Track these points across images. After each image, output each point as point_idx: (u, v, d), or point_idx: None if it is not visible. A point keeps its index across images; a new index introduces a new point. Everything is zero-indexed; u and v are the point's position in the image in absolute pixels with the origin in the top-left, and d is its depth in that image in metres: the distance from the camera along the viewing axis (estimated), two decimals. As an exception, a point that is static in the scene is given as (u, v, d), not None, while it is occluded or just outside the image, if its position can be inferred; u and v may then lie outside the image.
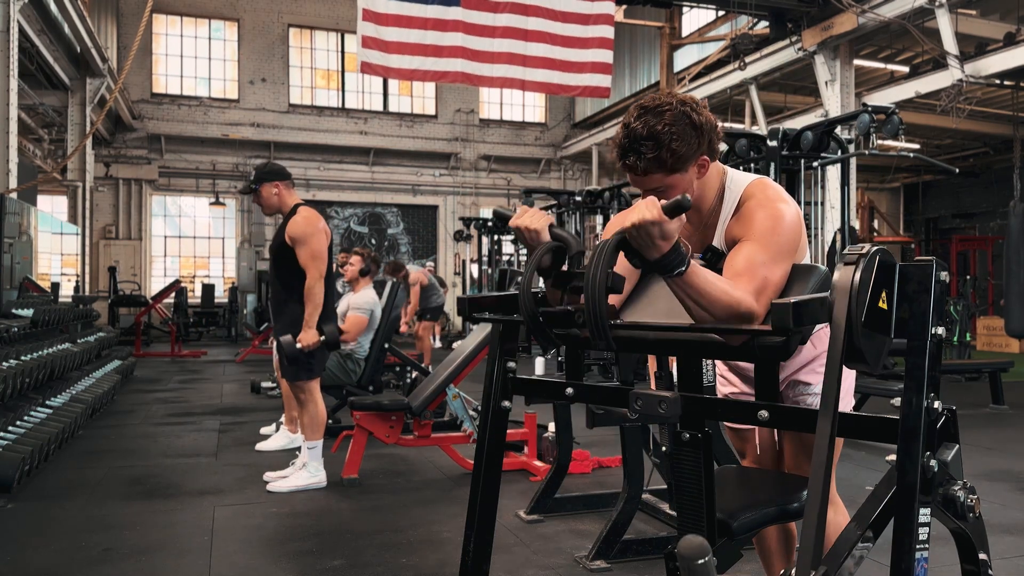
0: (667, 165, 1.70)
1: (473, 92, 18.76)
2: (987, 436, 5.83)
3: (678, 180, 1.73)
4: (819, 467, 1.33)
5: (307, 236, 4.20)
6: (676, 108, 1.71)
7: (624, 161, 1.73)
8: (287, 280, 4.29)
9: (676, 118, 1.69)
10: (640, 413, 1.62)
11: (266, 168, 4.42)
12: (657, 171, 1.71)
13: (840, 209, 7.43)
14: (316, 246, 4.20)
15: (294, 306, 4.25)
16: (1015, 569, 3.08)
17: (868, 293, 1.35)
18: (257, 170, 4.42)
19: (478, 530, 1.85)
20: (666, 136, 1.68)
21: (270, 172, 4.38)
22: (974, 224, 17.90)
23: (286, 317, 4.28)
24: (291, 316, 4.25)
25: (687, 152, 1.71)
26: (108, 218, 16.34)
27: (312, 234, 4.21)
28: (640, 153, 1.69)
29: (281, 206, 4.37)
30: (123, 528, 3.54)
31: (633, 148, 1.70)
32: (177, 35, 17.12)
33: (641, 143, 1.69)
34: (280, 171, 4.41)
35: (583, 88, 10.26)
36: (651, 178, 1.72)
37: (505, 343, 1.90)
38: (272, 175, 4.36)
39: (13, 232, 7.09)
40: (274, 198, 4.35)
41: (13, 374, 4.61)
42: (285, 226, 4.30)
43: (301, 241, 4.20)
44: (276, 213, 4.43)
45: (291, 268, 4.24)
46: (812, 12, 10.39)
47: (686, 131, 1.70)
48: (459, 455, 4.62)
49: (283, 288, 4.32)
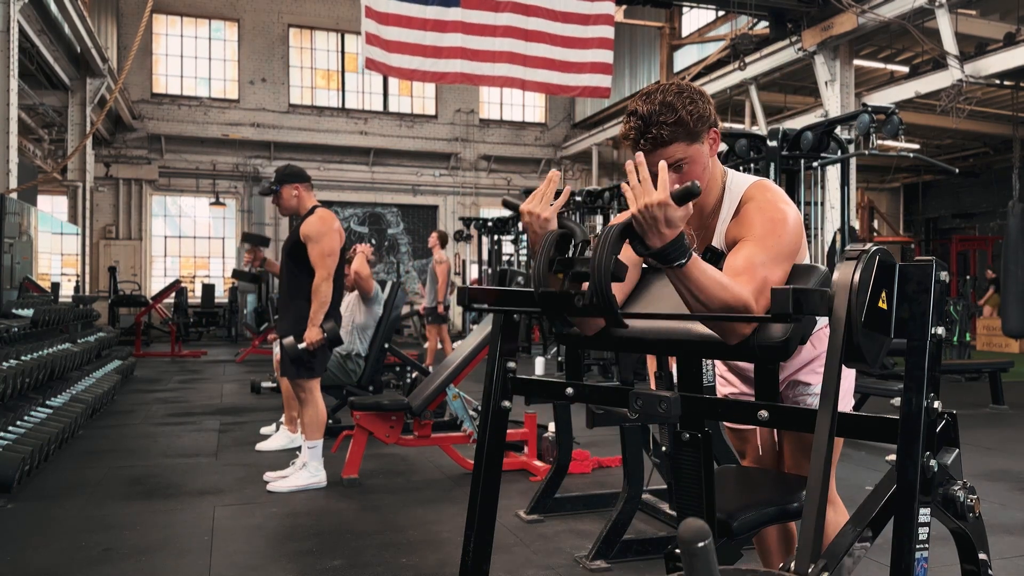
0: (689, 127, 1.73)
1: (473, 92, 18.76)
2: (987, 436, 5.83)
3: (697, 152, 1.76)
4: (818, 466, 1.33)
5: (320, 235, 4.26)
6: (675, 85, 1.78)
7: (643, 139, 1.74)
8: (297, 277, 4.32)
9: (681, 88, 1.76)
10: (640, 413, 1.62)
11: (287, 171, 4.47)
12: (681, 138, 1.73)
13: (840, 209, 7.43)
14: (328, 245, 4.27)
15: (301, 303, 4.28)
16: (1015, 569, 3.08)
17: (868, 291, 1.35)
18: (278, 172, 4.46)
19: (478, 530, 1.85)
20: (680, 102, 1.72)
21: (291, 175, 4.44)
22: (974, 224, 17.91)
23: (292, 314, 4.33)
24: (297, 313, 4.29)
25: (705, 112, 1.75)
26: (108, 218, 16.34)
27: (325, 233, 4.28)
28: (660, 123, 1.71)
29: (299, 208, 4.44)
30: (123, 528, 3.54)
31: (652, 122, 1.72)
32: (177, 35, 17.12)
33: (659, 115, 1.72)
34: (300, 173, 4.48)
35: (583, 88, 10.25)
36: (674, 147, 1.74)
37: (505, 343, 1.90)
38: (292, 177, 4.43)
39: (13, 232, 7.10)
40: (293, 200, 4.42)
41: (13, 374, 4.61)
42: (300, 225, 4.35)
43: (314, 239, 4.26)
44: (294, 214, 4.46)
45: (302, 266, 4.29)
46: (812, 12, 10.39)
47: (695, 96, 1.75)
48: (459, 455, 4.62)
49: (292, 285, 4.36)
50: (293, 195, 4.41)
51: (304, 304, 4.26)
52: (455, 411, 4.71)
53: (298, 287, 4.32)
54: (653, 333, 1.69)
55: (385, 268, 18.32)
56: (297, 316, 4.28)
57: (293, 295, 4.35)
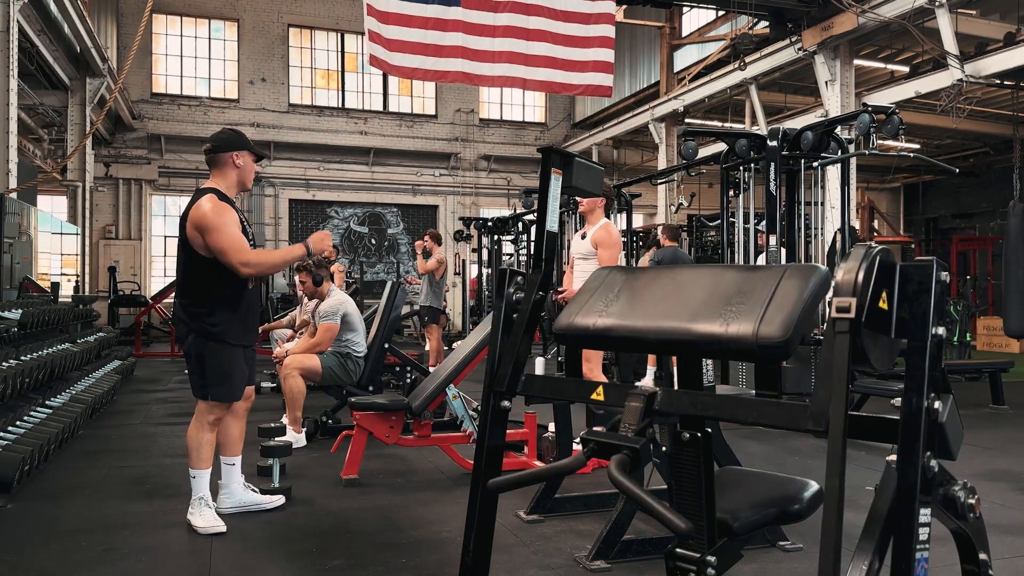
0: None
1: (473, 92, 18.77)
2: (987, 436, 5.83)
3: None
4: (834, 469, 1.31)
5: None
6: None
7: None
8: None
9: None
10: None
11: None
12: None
13: (840, 209, 7.42)
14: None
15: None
16: (1015, 569, 3.07)
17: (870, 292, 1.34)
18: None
19: (478, 530, 1.84)
20: None
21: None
22: (974, 224, 17.90)
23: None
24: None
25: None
26: (108, 218, 16.34)
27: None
28: None
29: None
30: (123, 528, 3.54)
31: None
32: (177, 35, 17.13)
33: None
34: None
35: (585, 87, 10.25)
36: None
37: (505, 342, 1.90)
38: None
39: (13, 232, 7.10)
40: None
41: (13, 374, 4.61)
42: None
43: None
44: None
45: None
46: (812, 12, 10.39)
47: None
48: (459, 455, 4.61)
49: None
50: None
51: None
52: (455, 411, 4.70)
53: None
54: (653, 333, 1.69)
55: (385, 268, 18.32)
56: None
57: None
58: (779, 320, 1.45)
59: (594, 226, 5.31)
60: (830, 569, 1.25)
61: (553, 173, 2.00)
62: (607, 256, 5.11)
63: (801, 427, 1.44)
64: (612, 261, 5.08)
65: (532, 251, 11.49)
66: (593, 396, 1.73)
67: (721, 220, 8.01)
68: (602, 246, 5.17)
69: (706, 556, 1.58)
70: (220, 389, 3.56)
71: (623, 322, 1.73)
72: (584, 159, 2.11)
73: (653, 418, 1.59)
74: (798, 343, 1.53)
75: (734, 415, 1.63)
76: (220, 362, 3.53)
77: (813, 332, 5.72)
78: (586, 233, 5.36)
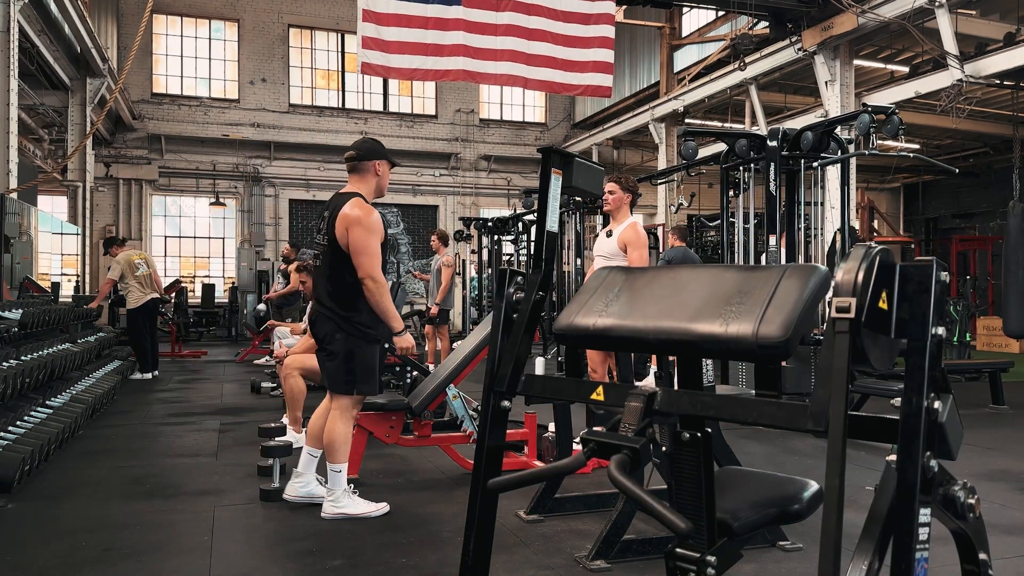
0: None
1: (473, 92, 18.77)
2: (987, 436, 5.83)
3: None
4: (834, 470, 1.31)
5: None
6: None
7: None
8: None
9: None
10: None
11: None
12: None
13: (840, 209, 7.42)
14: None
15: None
16: (1015, 569, 3.08)
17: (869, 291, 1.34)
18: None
19: (478, 530, 1.84)
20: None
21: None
22: (974, 224, 17.91)
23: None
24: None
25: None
26: (108, 218, 16.34)
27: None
28: None
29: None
30: (123, 528, 3.54)
31: None
32: (177, 35, 17.13)
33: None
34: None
35: (585, 87, 10.26)
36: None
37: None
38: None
39: (13, 232, 7.10)
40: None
41: (13, 374, 4.61)
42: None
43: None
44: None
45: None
46: (812, 12, 10.39)
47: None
48: (459, 455, 4.62)
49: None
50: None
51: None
52: (455, 411, 4.70)
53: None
54: (653, 333, 1.69)
55: (385, 268, 18.30)
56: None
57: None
58: (779, 320, 1.45)
59: (621, 224, 5.15)
60: (830, 569, 1.25)
61: (553, 173, 2.00)
62: (637, 256, 4.97)
63: (801, 427, 1.44)
64: (642, 262, 4.95)
65: (532, 251, 11.48)
66: (593, 396, 1.73)
67: (721, 220, 8.01)
68: (632, 246, 5.02)
69: (706, 556, 1.58)
70: (367, 384, 3.77)
71: (623, 322, 1.73)
72: (584, 159, 2.12)
73: (653, 418, 1.59)
74: (798, 343, 1.53)
75: (734, 415, 1.64)
76: (368, 358, 3.77)
77: (813, 332, 5.71)
78: (612, 231, 5.19)
